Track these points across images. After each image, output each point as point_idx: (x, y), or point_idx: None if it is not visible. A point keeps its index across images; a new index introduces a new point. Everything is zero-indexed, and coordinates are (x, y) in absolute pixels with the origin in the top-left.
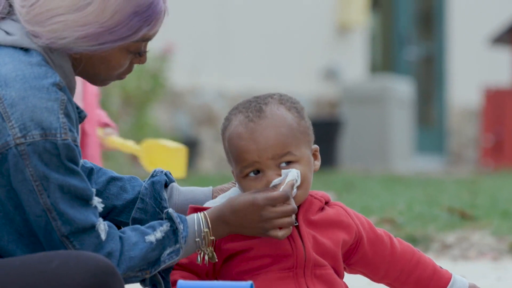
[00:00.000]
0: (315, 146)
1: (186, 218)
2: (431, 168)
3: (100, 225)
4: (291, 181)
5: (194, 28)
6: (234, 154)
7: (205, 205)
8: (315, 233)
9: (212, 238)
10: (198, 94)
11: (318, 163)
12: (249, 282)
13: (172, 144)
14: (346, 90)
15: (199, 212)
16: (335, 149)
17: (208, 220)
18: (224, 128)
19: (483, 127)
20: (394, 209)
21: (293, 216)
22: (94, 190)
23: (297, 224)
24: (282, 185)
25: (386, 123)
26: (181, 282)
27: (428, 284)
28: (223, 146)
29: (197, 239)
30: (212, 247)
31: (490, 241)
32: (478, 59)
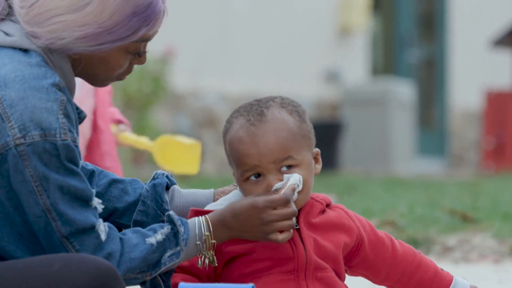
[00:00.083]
0: (316, 150)
1: (187, 221)
2: (433, 171)
3: (100, 226)
4: (292, 185)
5: (196, 31)
6: (235, 158)
7: (206, 208)
8: (316, 236)
9: (213, 242)
10: (200, 97)
11: (319, 167)
12: (250, 285)
13: (187, 140)
14: (348, 93)
15: (201, 216)
16: (337, 152)
17: (210, 224)
18: (226, 131)
19: (485, 130)
20: (396, 212)
21: (294, 219)
22: (94, 191)
23: (298, 227)
24: (283, 189)
25: (388, 126)
26: (183, 285)
27: (430, 286)
28: (224, 149)
29: (198, 242)
30: (213, 251)
31: (492, 244)
32: (480, 62)
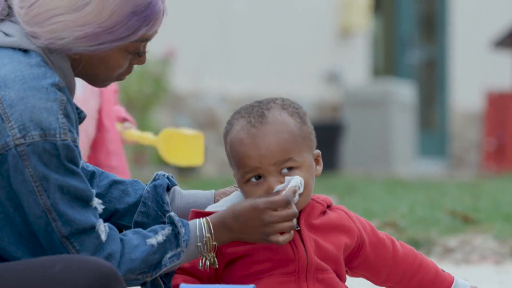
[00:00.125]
0: (317, 151)
1: (188, 223)
2: (433, 172)
3: (100, 226)
4: (294, 187)
5: (196, 32)
6: (236, 159)
7: (207, 209)
8: (317, 237)
9: (214, 244)
10: (200, 98)
11: (320, 168)
12: (251, 286)
13: (189, 132)
14: (348, 94)
15: (202, 218)
16: (337, 153)
17: (211, 226)
18: (226, 132)
19: (485, 131)
20: (396, 213)
21: (294, 221)
22: (94, 191)
23: (299, 229)
24: (284, 191)
25: (388, 127)
26: (183, 286)
27: (431, 287)
28: (225, 150)
29: (199, 244)
30: (214, 253)
31: (493, 245)
32: (480, 63)
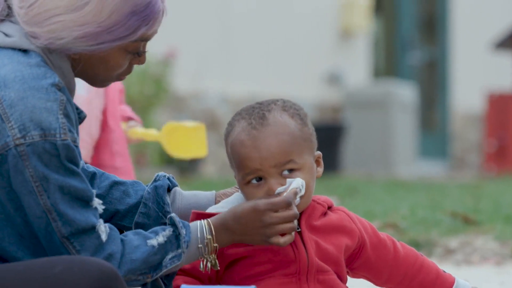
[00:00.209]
0: (318, 153)
1: (189, 224)
2: (434, 173)
3: (101, 227)
4: (295, 189)
5: (197, 33)
6: (237, 161)
7: (208, 211)
8: (318, 239)
9: (215, 246)
10: (201, 99)
11: (321, 170)
12: (252, 287)
13: (191, 123)
14: (349, 95)
15: (203, 220)
16: (338, 154)
17: (212, 227)
18: (227, 134)
19: (486, 132)
20: (397, 214)
21: (295, 222)
22: (95, 191)
23: (300, 230)
24: (285, 193)
25: (389, 128)
26: (185, 287)
27: None
28: (226, 151)
29: (200, 245)
30: (215, 255)
31: (493, 246)
32: (481, 64)
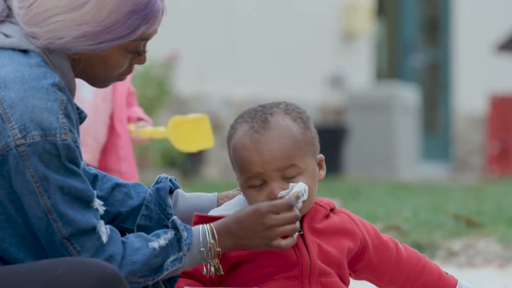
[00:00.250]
0: (320, 156)
1: (192, 228)
2: (437, 175)
3: (101, 228)
4: (297, 193)
5: (200, 35)
6: (239, 164)
7: (210, 213)
8: (320, 241)
9: (218, 250)
10: (204, 102)
11: (323, 173)
12: None
13: (193, 115)
14: (352, 97)
15: (206, 224)
16: (341, 156)
17: (214, 232)
18: (230, 137)
19: (489, 134)
20: (400, 216)
21: (297, 224)
22: (95, 192)
23: (302, 233)
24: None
25: (392, 130)
26: None
27: None
28: (228, 154)
29: (202, 249)
30: (218, 259)
31: (496, 248)
32: (484, 66)
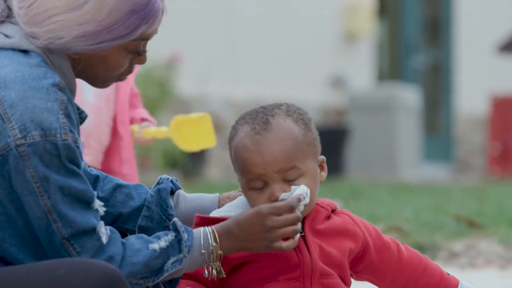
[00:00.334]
0: (322, 157)
1: (193, 230)
2: (438, 176)
3: (101, 229)
4: (298, 195)
5: (201, 36)
6: (240, 166)
7: (211, 215)
8: (322, 243)
9: (220, 253)
10: (205, 102)
11: (325, 174)
12: None
13: (195, 114)
14: (353, 98)
15: (207, 227)
16: (342, 157)
17: (216, 234)
18: (231, 138)
19: (490, 135)
20: (401, 217)
21: (299, 225)
22: (96, 193)
23: (303, 234)
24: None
25: (393, 131)
26: None
27: None
28: (230, 155)
29: (203, 251)
30: (220, 262)
31: (498, 249)
32: (486, 67)
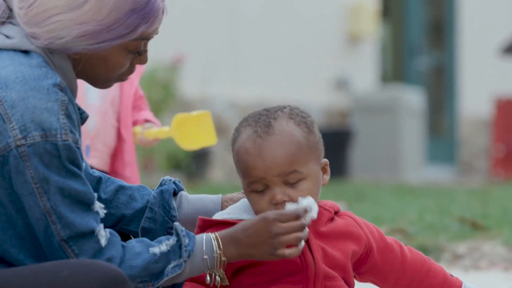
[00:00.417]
0: (325, 160)
1: (195, 235)
2: (442, 178)
3: (100, 231)
4: (305, 207)
5: (205, 38)
6: (242, 168)
7: (214, 217)
8: (325, 245)
9: (224, 259)
10: (209, 104)
11: (327, 177)
12: None
13: (195, 112)
14: (357, 100)
15: (211, 233)
16: (346, 159)
17: (219, 240)
18: (234, 140)
19: (494, 137)
20: (405, 219)
21: (304, 233)
22: (96, 195)
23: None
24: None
25: (397, 133)
26: None
27: None
28: (233, 157)
29: (205, 257)
30: (223, 270)
31: (501, 251)
32: (489, 69)
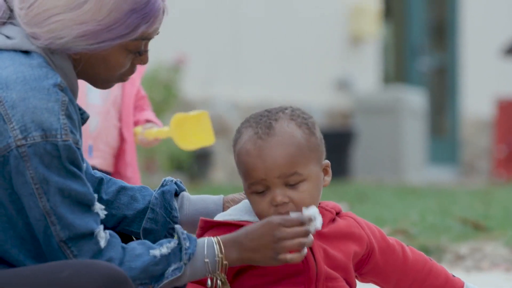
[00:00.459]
0: (326, 162)
1: (196, 239)
2: (444, 179)
3: (100, 232)
4: (310, 216)
5: (207, 39)
6: (242, 170)
7: (216, 218)
8: (326, 246)
9: (225, 263)
10: (211, 105)
11: (328, 179)
12: None
13: (194, 112)
14: (359, 101)
15: (213, 237)
16: (348, 160)
17: (221, 244)
18: (235, 141)
19: (496, 138)
20: (407, 220)
21: (308, 239)
22: (96, 196)
23: None
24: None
25: (399, 134)
26: None
27: None
28: (234, 158)
29: (206, 260)
30: (225, 274)
31: (503, 252)
32: (491, 70)
